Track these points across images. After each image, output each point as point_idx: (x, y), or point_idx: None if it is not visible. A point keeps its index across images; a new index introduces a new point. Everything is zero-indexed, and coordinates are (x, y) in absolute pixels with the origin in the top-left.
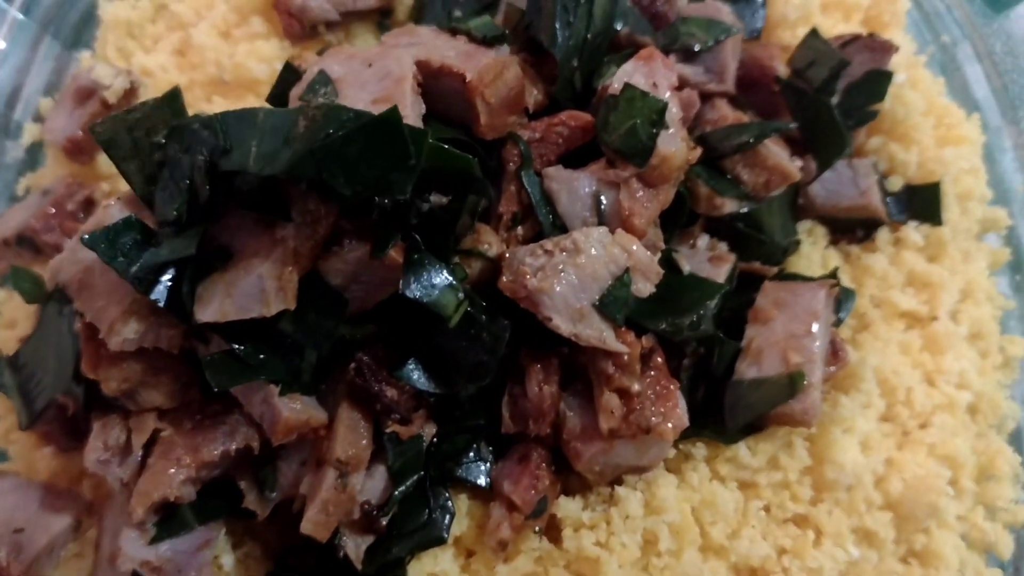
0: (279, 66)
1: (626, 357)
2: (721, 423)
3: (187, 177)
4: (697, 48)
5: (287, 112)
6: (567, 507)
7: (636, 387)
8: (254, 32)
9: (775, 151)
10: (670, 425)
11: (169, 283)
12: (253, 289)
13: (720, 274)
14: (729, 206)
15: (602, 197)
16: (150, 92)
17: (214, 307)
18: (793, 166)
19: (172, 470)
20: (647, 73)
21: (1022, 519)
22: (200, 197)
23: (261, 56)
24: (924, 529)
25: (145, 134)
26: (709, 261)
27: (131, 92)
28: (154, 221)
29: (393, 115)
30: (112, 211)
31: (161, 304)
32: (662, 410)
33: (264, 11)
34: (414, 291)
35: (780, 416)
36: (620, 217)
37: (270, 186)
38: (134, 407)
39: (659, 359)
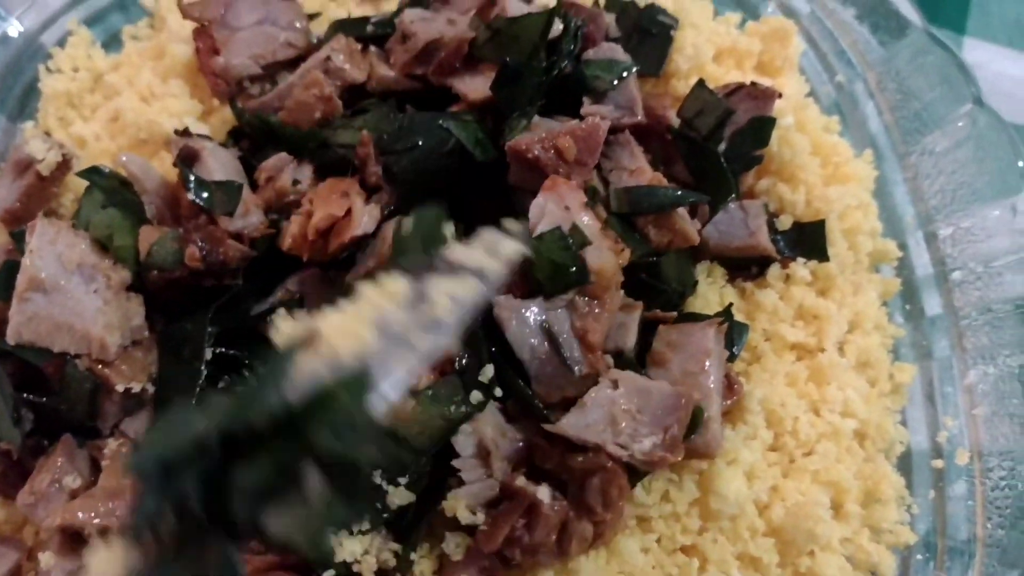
0: (189, 120)
1: (615, 495)
2: None
3: None
4: (604, 88)
5: None
6: None
7: (609, 517)
8: (172, 93)
9: (683, 215)
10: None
11: None
12: None
13: None
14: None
15: (553, 325)
16: (83, 163)
17: None
18: (694, 230)
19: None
20: (557, 200)
21: (904, 540)
22: None
23: (172, 112)
24: (808, 552)
25: None
26: None
27: (64, 164)
28: None
29: None
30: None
31: None
32: (615, 526)
33: (185, 75)
34: None
35: (687, 451)
36: (576, 337)
37: None
38: None
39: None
